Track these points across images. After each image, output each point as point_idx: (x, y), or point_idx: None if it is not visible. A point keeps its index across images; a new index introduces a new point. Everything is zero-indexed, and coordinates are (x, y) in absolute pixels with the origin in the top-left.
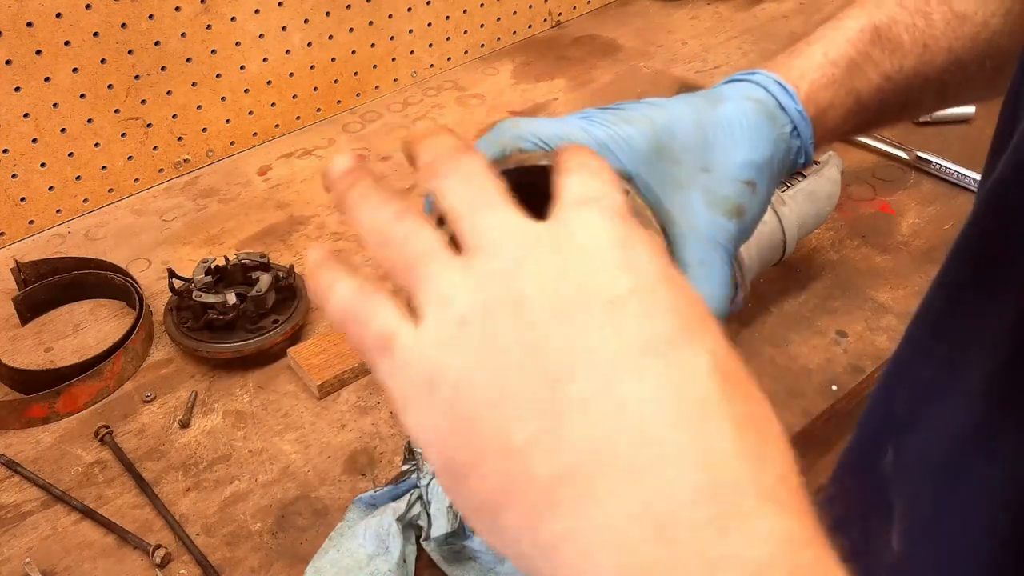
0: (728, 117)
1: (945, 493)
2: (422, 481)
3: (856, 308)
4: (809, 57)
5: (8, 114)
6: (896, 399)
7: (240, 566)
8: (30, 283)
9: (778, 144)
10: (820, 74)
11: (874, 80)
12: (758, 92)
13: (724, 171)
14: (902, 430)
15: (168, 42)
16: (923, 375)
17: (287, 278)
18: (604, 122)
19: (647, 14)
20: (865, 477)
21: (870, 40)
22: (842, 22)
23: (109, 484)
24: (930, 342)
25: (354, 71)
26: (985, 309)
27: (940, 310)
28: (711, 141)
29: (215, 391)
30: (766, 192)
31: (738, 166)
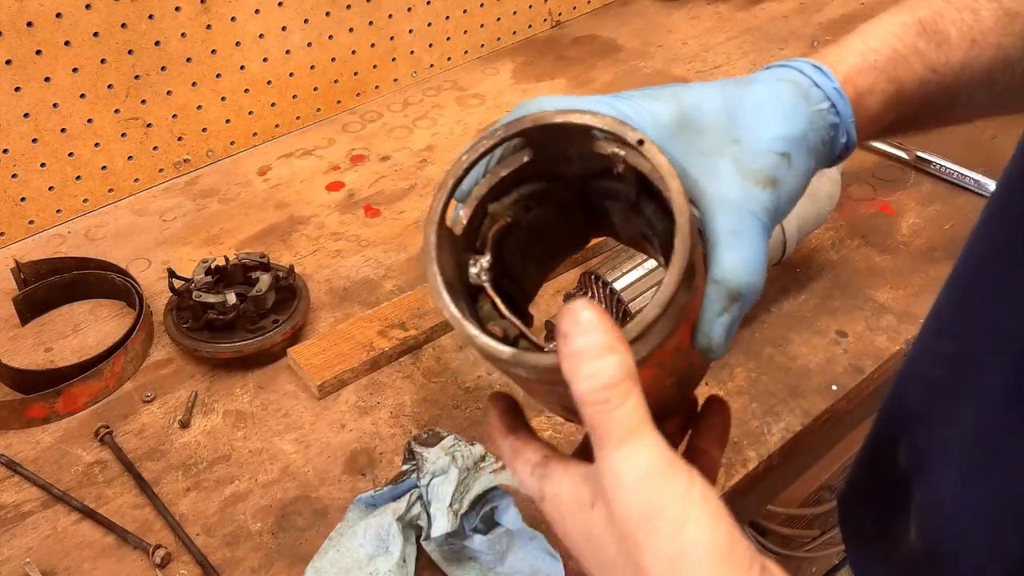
0: (759, 94)
1: (963, 488)
2: (422, 481)
3: (856, 308)
4: (848, 45)
5: (8, 114)
6: (909, 396)
7: (240, 566)
8: (30, 283)
9: (814, 121)
10: (860, 59)
11: (918, 71)
12: (792, 74)
13: (755, 143)
14: (915, 426)
15: (168, 42)
16: (935, 373)
17: (287, 278)
18: (629, 97)
19: (647, 14)
20: (880, 470)
21: (915, 32)
22: (884, 18)
23: (109, 484)
24: (939, 341)
25: (354, 71)
26: (995, 309)
27: (950, 310)
28: (740, 115)
29: (215, 391)
30: (804, 167)
31: (770, 139)
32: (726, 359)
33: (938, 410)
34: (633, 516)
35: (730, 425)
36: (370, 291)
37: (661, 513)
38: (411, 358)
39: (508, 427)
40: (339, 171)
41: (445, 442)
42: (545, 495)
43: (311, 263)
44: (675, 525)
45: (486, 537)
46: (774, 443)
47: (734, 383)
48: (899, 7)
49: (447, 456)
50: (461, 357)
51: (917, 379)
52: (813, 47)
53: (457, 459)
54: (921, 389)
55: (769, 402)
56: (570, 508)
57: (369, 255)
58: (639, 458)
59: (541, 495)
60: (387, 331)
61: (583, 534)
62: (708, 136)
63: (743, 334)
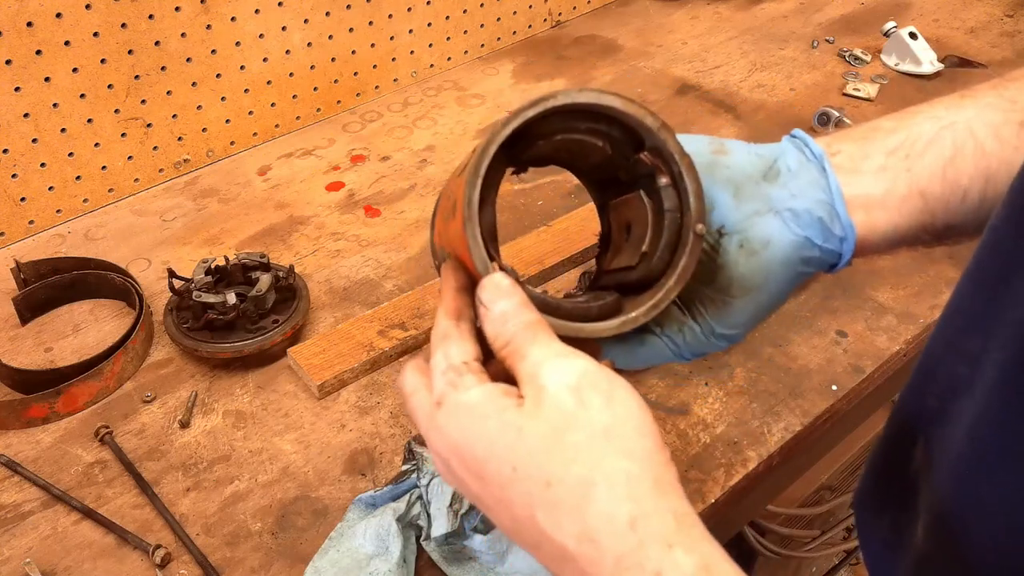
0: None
1: (963, 486)
2: (422, 481)
3: (856, 308)
4: (892, 176)
5: (8, 114)
6: (930, 392)
7: (240, 566)
8: (30, 283)
9: (810, 264)
10: (889, 211)
11: (938, 220)
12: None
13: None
14: (931, 424)
15: (168, 42)
16: (958, 370)
17: (287, 278)
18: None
19: (647, 14)
20: (897, 470)
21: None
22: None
23: (109, 484)
24: (962, 336)
25: (354, 71)
26: (1005, 301)
27: (973, 303)
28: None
29: (215, 391)
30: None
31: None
32: (726, 359)
33: (952, 408)
34: (567, 402)
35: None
36: (370, 291)
37: (594, 387)
38: (411, 358)
39: (456, 310)
40: (339, 171)
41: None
42: (446, 400)
43: (311, 263)
44: (604, 399)
45: (486, 537)
46: (774, 443)
47: (734, 383)
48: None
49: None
50: None
51: (937, 376)
52: (813, 47)
53: None
54: (942, 386)
55: (769, 402)
56: (482, 412)
57: (369, 255)
58: (576, 364)
59: (440, 399)
60: (387, 331)
61: (494, 432)
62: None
63: None
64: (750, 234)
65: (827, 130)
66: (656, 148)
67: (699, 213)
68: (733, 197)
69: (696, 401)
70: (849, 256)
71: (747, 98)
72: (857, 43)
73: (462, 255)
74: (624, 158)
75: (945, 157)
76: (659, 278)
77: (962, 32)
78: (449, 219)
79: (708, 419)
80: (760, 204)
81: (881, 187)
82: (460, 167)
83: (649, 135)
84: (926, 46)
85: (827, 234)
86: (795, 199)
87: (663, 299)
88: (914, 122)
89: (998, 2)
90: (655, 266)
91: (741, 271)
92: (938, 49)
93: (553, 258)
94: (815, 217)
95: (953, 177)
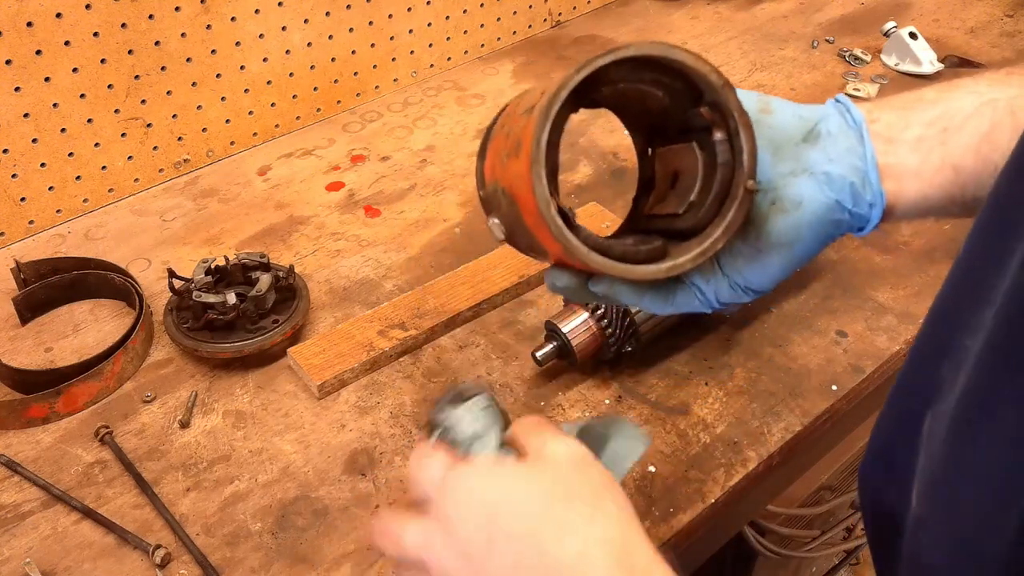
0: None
1: (953, 452)
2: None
3: (856, 308)
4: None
5: (8, 114)
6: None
7: (240, 566)
8: (30, 283)
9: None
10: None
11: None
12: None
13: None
14: (940, 398)
15: (168, 42)
16: (967, 344)
17: (287, 278)
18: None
19: (647, 14)
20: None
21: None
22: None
23: (109, 484)
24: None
25: (354, 71)
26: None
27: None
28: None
29: (215, 391)
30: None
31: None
32: (726, 359)
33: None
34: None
35: None
36: (370, 291)
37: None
38: (411, 358)
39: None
40: (339, 171)
41: (475, 402)
42: (446, 480)
43: (311, 263)
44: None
45: None
46: (774, 443)
47: (734, 383)
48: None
49: (480, 413)
50: (461, 357)
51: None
52: (813, 47)
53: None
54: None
55: (769, 402)
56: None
57: (369, 255)
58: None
59: (440, 479)
60: (387, 331)
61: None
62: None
63: (743, 334)
64: (783, 193)
65: None
66: (716, 103)
67: (751, 170)
68: (772, 156)
69: (696, 401)
70: (877, 221)
71: None
72: (857, 43)
73: (522, 194)
74: (681, 110)
75: (981, 133)
76: (705, 228)
77: (962, 32)
78: (511, 157)
79: (708, 419)
80: (796, 164)
81: (915, 158)
82: (526, 106)
83: (711, 91)
84: (926, 46)
85: (858, 199)
86: (831, 163)
87: (709, 248)
88: (955, 95)
89: (998, 2)
90: (702, 217)
91: (771, 228)
92: (938, 49)
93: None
94: (848, 182)
95: (987, 152)
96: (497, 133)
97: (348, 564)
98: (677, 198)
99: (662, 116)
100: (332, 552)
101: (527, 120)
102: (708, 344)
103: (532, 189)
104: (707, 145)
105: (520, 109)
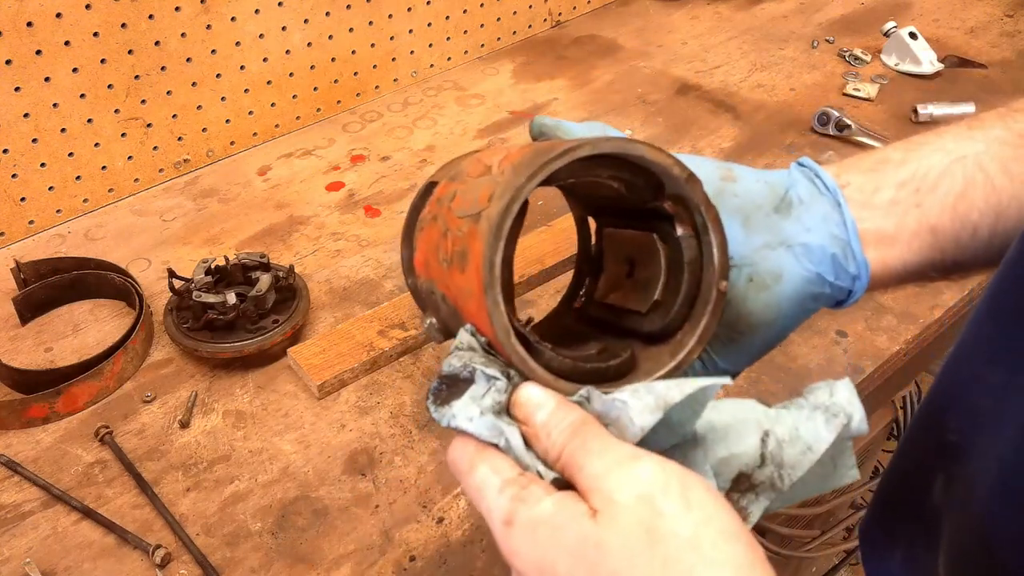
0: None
1: (992, 526)
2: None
3: (856, 308)
4: (903, 214)
5: (8, 114)
6: (948, 426)
7: (240, 566)
8: (30, 283)
9: (819, 300)
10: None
11: (947, 256)
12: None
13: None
14: (954, 459)
15: (168, 42)
16: (979, 403)
17: (287, 278)
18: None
19: (647, 14)
20: (913, 504)
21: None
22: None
23: (109, 484)
24: (984, 369)
25: (354, 71)
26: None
27: (993, 336)
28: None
29: (215, 391)
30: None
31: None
32: None
33: (978, 442)
34: (641, 514)
35: None
36: (370, 291)
37: (667, 493)
38: (411, 358)
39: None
40: (339, 171)
41: (474, 390)
42: (517, 519)
43: (311, 263)
44: (681, 505)
45: None
46: None
47: (734, 383)
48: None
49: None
50: None
51: (955, 410)
52: (813, 47)
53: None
54: (960, 419)
55: (769, 402)
56: (557, 523)
57: (369, 255)
58: (641, 470)
59: (510, 517)
60: (387, 331)
61: (573, 546)
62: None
63: None
64: (760, 268)
65: (827, 130)
66: (679, 196)
67: (723, 269)
68: (743, 227)
69: None
70: (860, 294)
71: (747, 98)
72: (857, 43)
73: (472, 313)
74: (640, 201)
75: (956, 192)
76: (674, 332)
77: (962, 32)
78: (454, 267)
79: None
80: (770, 236)
81: (892, 222)
82: (468, 204)
83: (673, 183)
84: (926, 46)
85: (839, 271)
86: (809, 233)
87: (685, 360)
88: (922, 154)
89: (998, 2)
90: (671, 320)
91: (750, 307)
92: (938, 49)
93: (553, 258)
94: (828, 253)
95: (964, 212)
96: (429, 224)
97: (348, 564)
98: (636, 293)
99: (616, 203)
100: (332, 552)
101: (472, 230)
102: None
103: (488, 316)
104: (670, 239)
105: (459, 205)
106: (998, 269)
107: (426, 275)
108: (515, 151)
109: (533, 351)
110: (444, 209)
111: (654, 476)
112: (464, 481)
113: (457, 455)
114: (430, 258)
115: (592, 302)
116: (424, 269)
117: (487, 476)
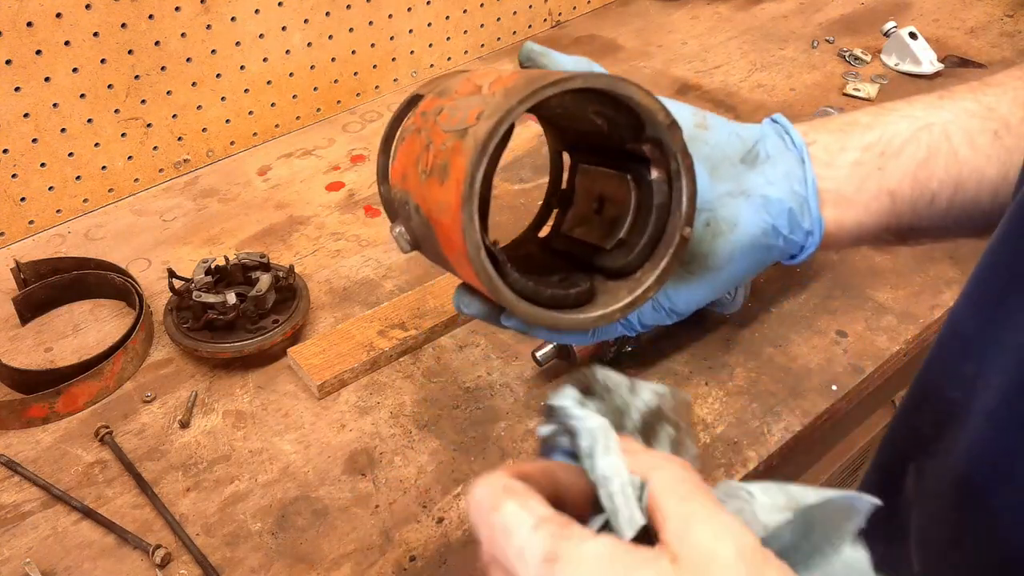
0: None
1: (961, 516)
2: (582, 443)
3: (856, 308)
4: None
5: (8, 114)
6: (922, 420)
7: (240, 566)
8: (30, 283)
9: (776, 252)
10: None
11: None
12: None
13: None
14: (925, 452)
15: (168, 42)
16: (950, 396)
17: (287, 278)
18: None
19: (647, 14)
20: (887, 499)
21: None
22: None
23: (109, 484)
24: (958, 361)
25: (354, 71)
26: (1003, 324)
27: (969, 329)
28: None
29: (215, 391)
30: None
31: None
32: (726, 359)
33: (946, 435)
34: (739, 573)
35: None
36: (370, 291)
37: (767, 562)
38: (411, 358)
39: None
40: (339, 171)
41: (565, 393)
42: (564, 554)
43: (311, 263)
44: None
45: None
46: (774, 443)
47: (734, 383)
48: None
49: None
50: (461, 357)
51: (930, 401)
52: (813, 47)
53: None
54: (935, 412)
55: (769, 402)
56: (623, 562)
57: (369, 255)
58: (732, 527)
59: (554, 554)
60: (387, 331)
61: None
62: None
63: (743, 334)
64: (719, 214)
65: None
66: (658, 141)
67: (689, 216)
68: (709, 175)
69: (696, 401)
70: (812, 250)
71: (747, 98)
72: (857, 43)
73: (446, 226)
74: (619, 140)
75: (918, 159)
76: (635, 270)
77: (962, 32)
78: (433, 179)
79: (708, 419)
80: (733, 185)
81: (852, 183)
82: (456, 120)
83: (655, 128)
84: (926, 46)
85: (794, 225)
86: (770, 186)
87: (641, 297)
88: (891, 119)
89: (998, 2)
90: (633, 259)
91: (704, 250)
92: (938, 49)
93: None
94: (786, 207)
95: (924, 180)
96: (411, 135)
97: (348, 564)
98: (602, 228)
99: (595, 139)
100: (332, 552)
101: (457, 145)
102: (708, 344)
103: (462, 231)
104: (643, 182)
105: (446, 121)
106: (979, 261)
107: (402, 185)
108: (507, 75)
109: (501, 271)
110: (429, 123)
111: (745, 537)
112: (487, 519)
113: (483, 493)
114: (408, 169)
115: (559, 234)
116: (400, 179)
117: (516, 513)
